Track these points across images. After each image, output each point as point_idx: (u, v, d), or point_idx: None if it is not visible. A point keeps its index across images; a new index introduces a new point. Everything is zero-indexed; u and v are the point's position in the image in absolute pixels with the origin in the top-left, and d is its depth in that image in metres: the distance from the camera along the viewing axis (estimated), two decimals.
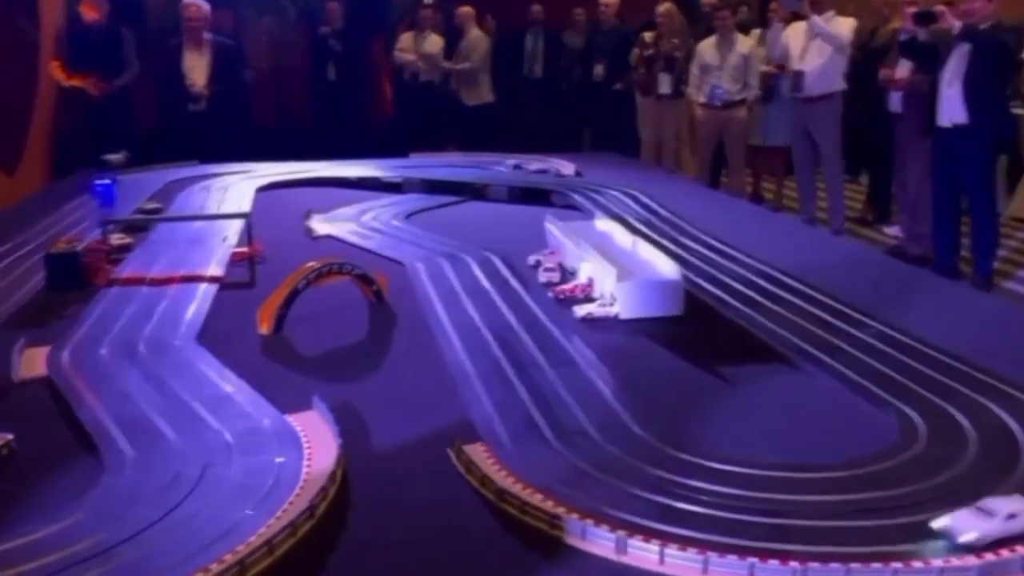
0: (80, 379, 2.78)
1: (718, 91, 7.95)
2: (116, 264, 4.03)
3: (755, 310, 3.41)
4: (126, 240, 4.37)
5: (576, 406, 2.58)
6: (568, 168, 6.19)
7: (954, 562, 1.81)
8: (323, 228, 4.74)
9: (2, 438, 2.37)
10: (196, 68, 7.46)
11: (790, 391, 2.79)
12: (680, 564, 1.84)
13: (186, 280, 3.81)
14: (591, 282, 3.62)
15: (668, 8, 8.32)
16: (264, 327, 3.24)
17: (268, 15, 9.98)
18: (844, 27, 7.25)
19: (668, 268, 3.50)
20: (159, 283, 3.77)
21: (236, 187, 5.77)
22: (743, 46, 7.91)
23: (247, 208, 5.04)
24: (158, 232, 4.60)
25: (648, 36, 8.40)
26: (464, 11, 9.20)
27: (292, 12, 10.13)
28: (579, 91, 9.56)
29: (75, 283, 3.73)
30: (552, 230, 4.22)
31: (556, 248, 4.12)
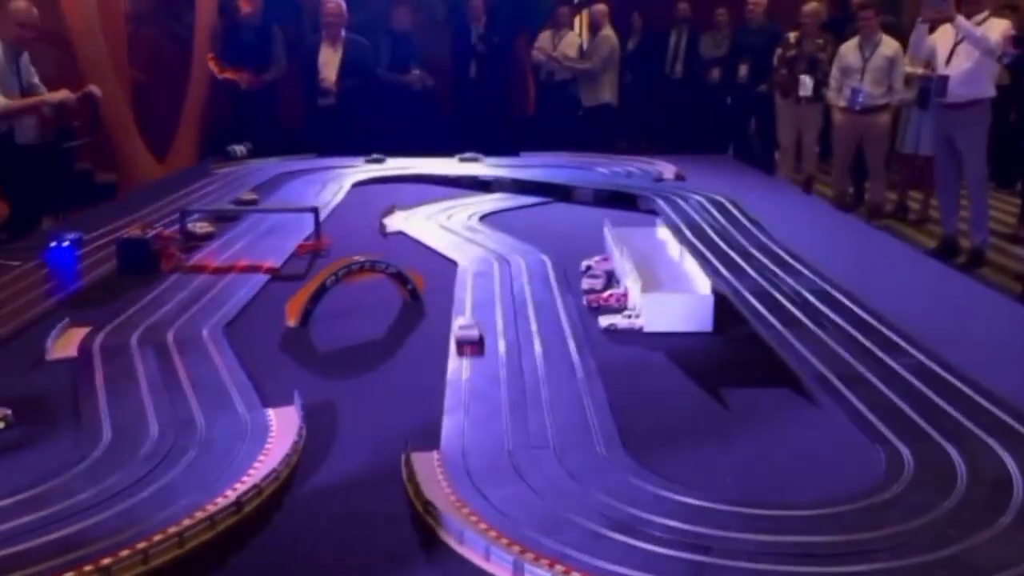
0: (98, 362, 2.93)
1: (859, 95, 7.53)
2: (191, 252, 4.23)
3: (792, 330, 3.21)
4: (208, 228, 4.57)
5: (549, 422, 2.50)
6: (669, 171, 6.03)
7: None
8: (395, 225, 4.81)
9: (1, 411, 2.54)
10: (329, 64, 7.72)
11: (788, 422, 2.60)
12: None
13: (245, 270, 3.95)
14: (626, 292, 3.51)
15: (814, 7, 7.94)
16: (291, 320, 3.33)
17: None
18: (996, 30, 6.70)
19: (702, 283, 3.35)
20: (219, 271, 3.93)
21: (336, 181, 5.94)
22: (887, 48, 7.44)
23: (338, 202, 5.18)
24: (245, 222, 4.80)
25: (792, 36, 8.06)
26: (599, 9, 9.08)
27: (442, 10, 10.31)
28: (719, 92, 9.27)
29: (144, 268, 3.94)
30: (607, 235, 4.13)
31: (609, 254, 4.03)
